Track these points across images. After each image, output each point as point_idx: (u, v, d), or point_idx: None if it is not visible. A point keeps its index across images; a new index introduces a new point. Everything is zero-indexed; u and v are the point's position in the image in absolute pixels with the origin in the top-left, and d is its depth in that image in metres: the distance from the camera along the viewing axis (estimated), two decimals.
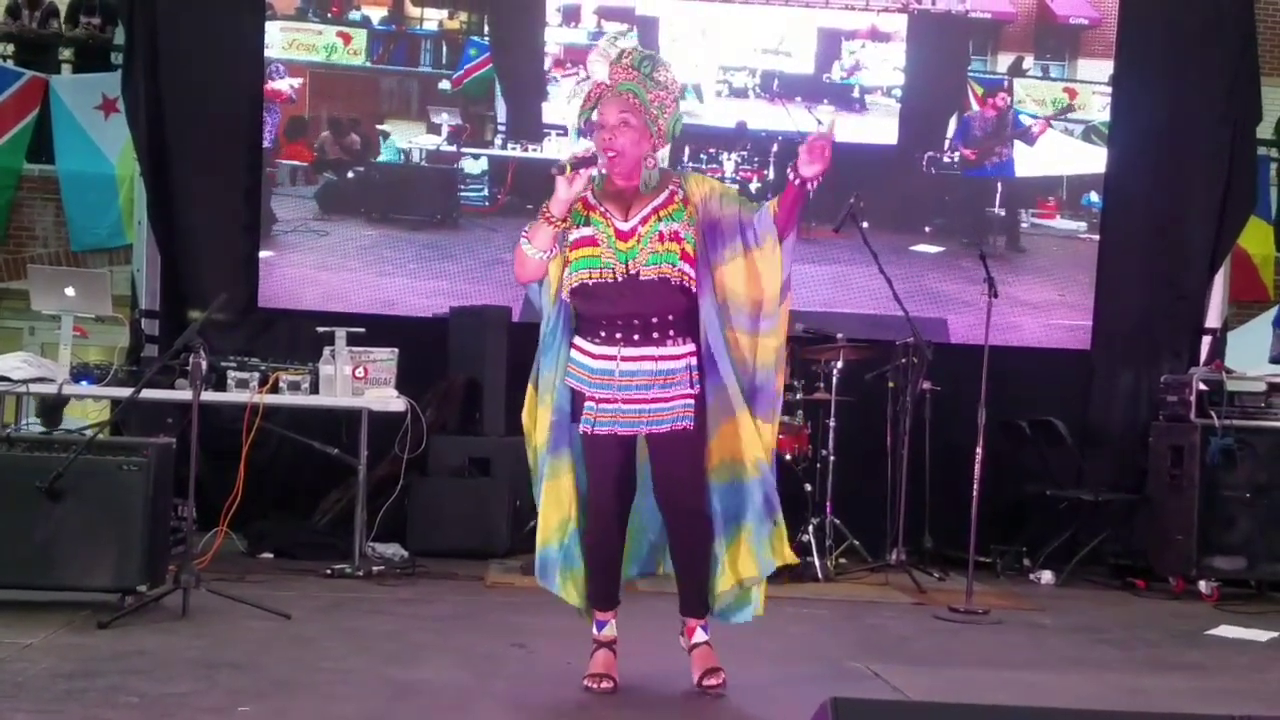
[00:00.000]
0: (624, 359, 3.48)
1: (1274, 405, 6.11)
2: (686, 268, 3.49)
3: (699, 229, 3.53)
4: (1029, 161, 7.37)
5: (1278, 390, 6.16)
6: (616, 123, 3.47)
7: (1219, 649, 4.86)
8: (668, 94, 3.52)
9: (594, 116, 3.53)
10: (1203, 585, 5.97)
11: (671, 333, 3.51)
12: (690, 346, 3.53)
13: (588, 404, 3.51)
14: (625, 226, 3.51)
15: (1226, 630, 5.16)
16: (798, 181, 3.38)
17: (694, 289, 3.50)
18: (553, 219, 3.43)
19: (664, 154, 3.71)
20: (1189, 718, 2.11)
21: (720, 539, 3.59)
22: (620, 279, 3.47)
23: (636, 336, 3.49)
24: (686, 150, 7.10)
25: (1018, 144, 7.34)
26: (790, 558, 3.65)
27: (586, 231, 3.51)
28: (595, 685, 3.57)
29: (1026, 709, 2.20)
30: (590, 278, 3.48)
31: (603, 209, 3.54)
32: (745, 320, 3.53)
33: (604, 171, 3.51)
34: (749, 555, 3.55)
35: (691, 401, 3.51)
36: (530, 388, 3.71)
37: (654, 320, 3.49)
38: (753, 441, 3.53)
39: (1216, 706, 3.66)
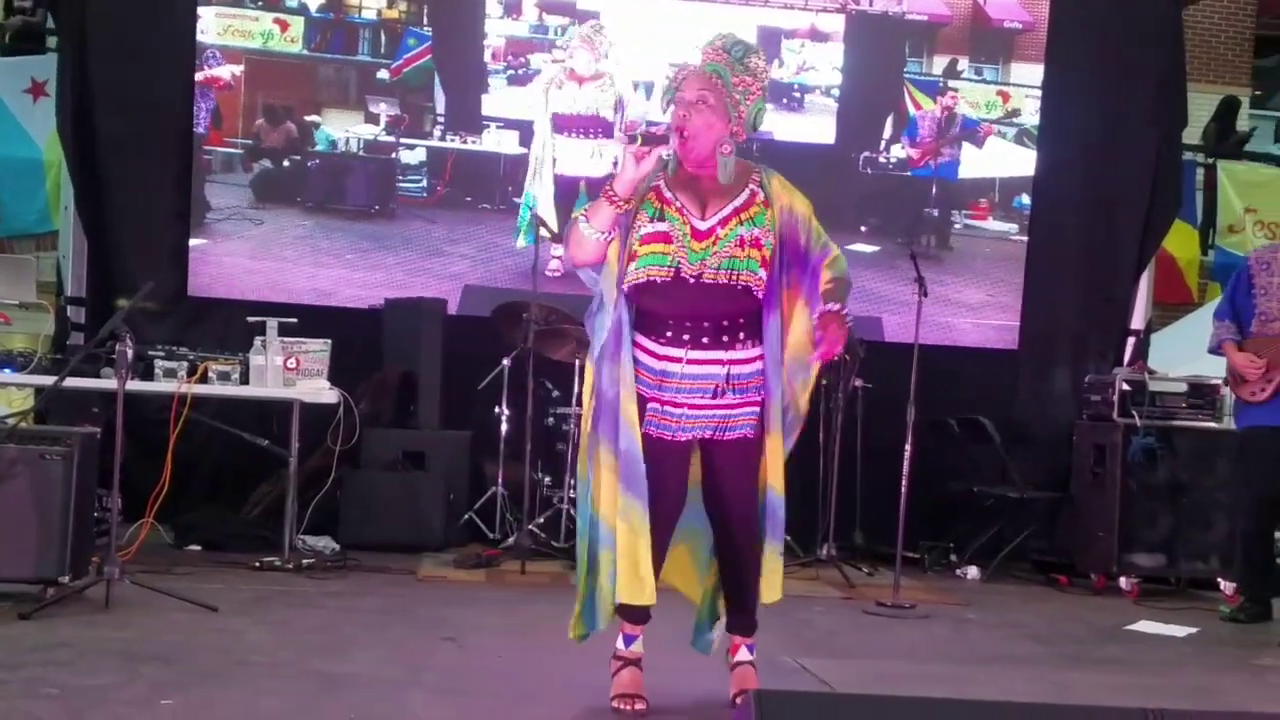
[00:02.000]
0: (690, 361, 3.29)
1: (1195, 406, 6.25)
2: (764, 275, 3.29)
3: (777, 236, 3.34)
4: (970, 164, 7.47)
5: (1198, 391, 6.30)
6: (694, 99, 3.24)
7: (1138, 644, 4.96)
8: (755, 81, 3.30)
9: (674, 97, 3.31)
10: (1123, 581, 6.09)
11: (742, 335, 3.32)
12: (759, 350, 3.35)
13: (650, 405, 3.31)
14: (703, 226, 3.28)
15: (1146, 626, 5.26)
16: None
17: (763, 294, 3.33)
18: (616, 199, 3.20)
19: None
20: (1106, 711, 2.16)
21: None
22: (691, 280, 3.26)
23: (705, 339, 3.29)
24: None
25: (964, 147, 7.43)
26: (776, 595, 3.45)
27: (661, 227, 3.27)
28: (629, 707, 3.33)
29: (950, 701, 2.24)
30: (657, 275, 3.26)
31: (678, 204, 3.31)
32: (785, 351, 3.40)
33: (675, 153, 3.28)
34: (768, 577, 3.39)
35: (759, 409, 3.35)
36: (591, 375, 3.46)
37: (724, 323, 3.30)
38: (775, 463, 3.38)
39: (1134, 700, 3.72)
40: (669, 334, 3.31)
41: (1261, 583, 5.45)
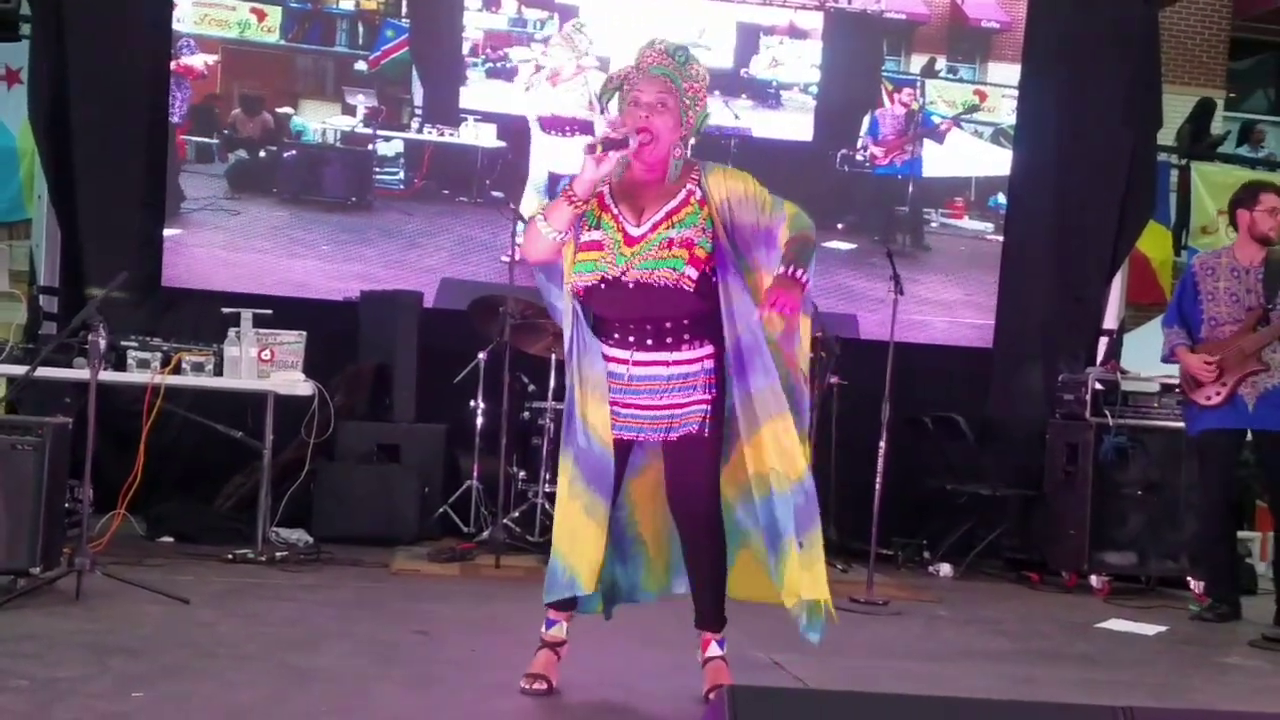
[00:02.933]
0: (636, 363, 3.36)
1: (1166, 405, 6.30)
2: (692, 273, 3.30)
3: (725, 228, 3.35)
4: (939, 162, 7.51)
5: (1170, 391, 6.35)
6: (654, 101, 3.30)
7: (1108, 642, 5.00)
8: (700, 86, 3.38)
9: (614, 101, 3.38)
10: (1094, 580, 6.13)
11: (686, 336, 3.36)
12: (708, 349, 3.38)
13: (611, 408, 3.38)
14: (636, 232, 3.35)
15: (1116, 624, 5.30)
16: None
17: (711, 290, 3.34)
18: (575, 199, 3.27)
19: None
20: (1076, 708, 2.17)
21: (771, 556, 3.41)
22: (625, 282, 3.31)
23: (649, 341, 3.36)
24: None
25: (928, 144, 7.47)
26: (822, 592, 3.36)
27: (595, 235, 3.35)
28: (529, 685, 3.44)
29: (923, 698, 2.25)
30: (591, 281, 3.34)
31: (616, 210, 3.38)
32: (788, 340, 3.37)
33: (628, 158, 3.32)
34: (804, 571, 3.33)
35: (707, 406, 3.37)
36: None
37: (667, 324, 3.35)
38: (785, 452, 3.33)
39: (1104, 698, 3.77)
40: (615, 336, 3.39)
41: (1228, 584, 5.49)
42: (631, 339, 3.37)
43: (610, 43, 7.10)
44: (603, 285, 3.34)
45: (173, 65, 6.81)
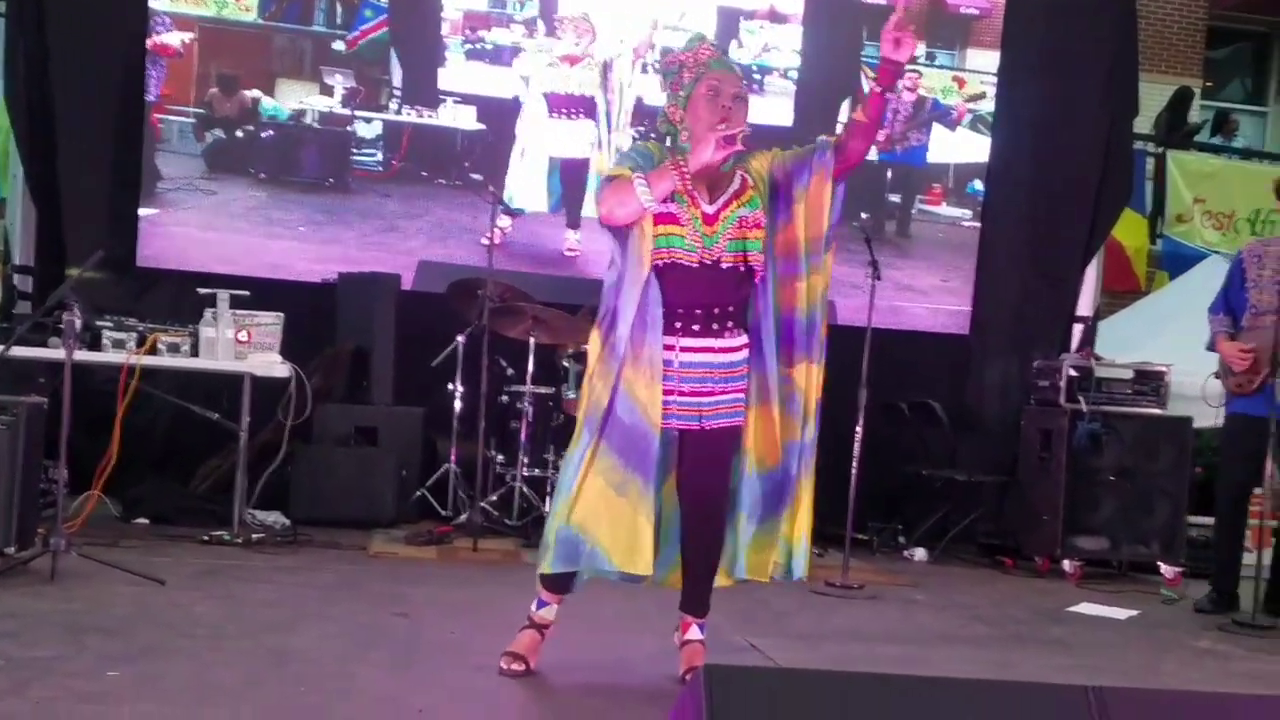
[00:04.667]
0: (684, 349, 3.37)
1: (1140, 392, 6.35)
2: (764, 256, 3.39)
3: (774, 197, 3.46)
4: (937, 149, 7.52)
5: (1144, 378, 6.40)
6: (737, 92, 3.41)
7: (1080, 626, 5.05)
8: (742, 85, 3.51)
9: (671, 82, 3.44)
10: (1066, 564, 6.18)
11: (730, 324, 3.40)
12: (745, 339, 3.44)
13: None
14: (711, 210, 3.38)
15: (1087, 608, 5.36)
16: (880, 88, 3.34)
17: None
18: (686, 173, 3.28)
19: None
20: (1048, 687, 2.20)
21: (751, 526, 3.47)
22: (701, 265, 3.34)
23: (697, 326, 3.37)
24: None
25: (932, 131, 7.47)
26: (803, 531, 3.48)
27: (671, 207, 3.34)
28: (508, 665, 3.45)
29: (897, 676, 2.27)
30: (672, 257, 3.33)
31: (691, 188, 3.37)
32: (796, 265, 3.43)
33: (686, 145, 3.37)
34: (773, 546, 3.47)
35: (744, 396, 3.42)
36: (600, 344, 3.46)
37: (716, 310, 3.37)
38: (770, 432, 3.41)
39: (1075, 680, 3.81)
40: (664, 320, 3.36)
41: (1232, 575, 5.41)
42: (678, 325, 3.37)
43: (604, 25, 7.09)
44: (673, 263, 3.34)
45: (149, 43, 6.75)
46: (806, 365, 3.48)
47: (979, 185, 7.53)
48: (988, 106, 7.48)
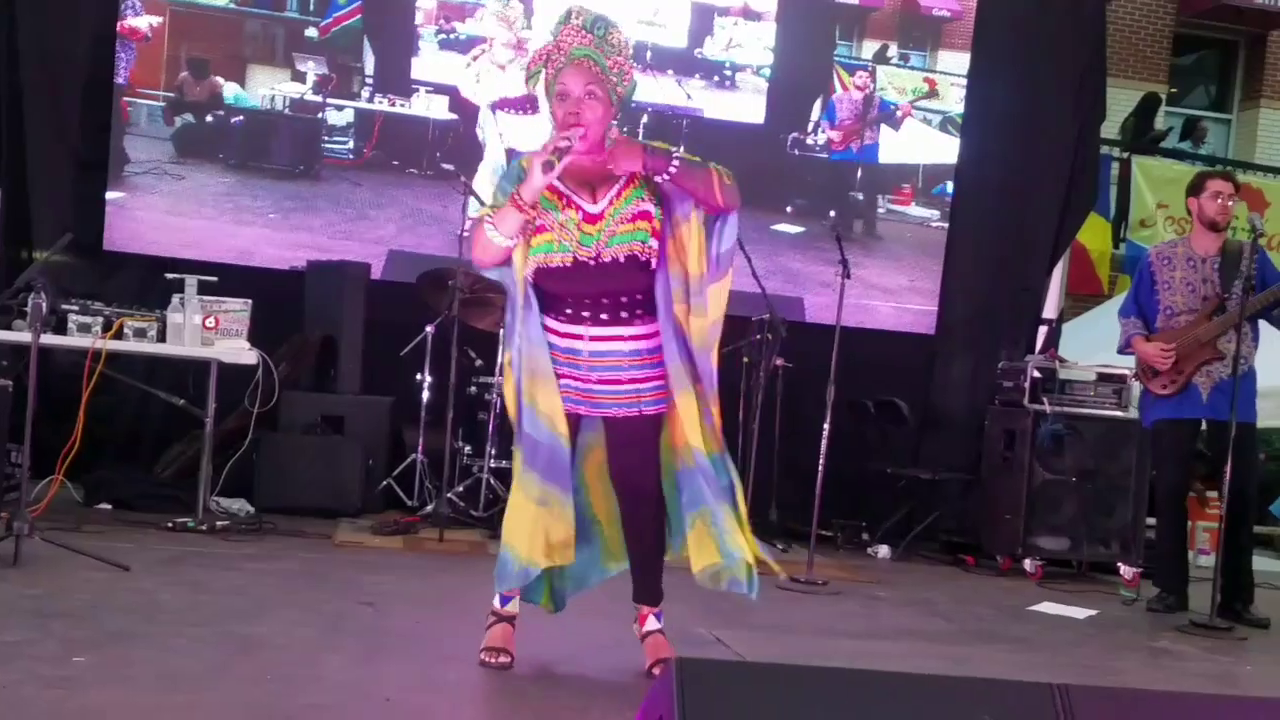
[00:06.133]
0: (593, 339, 3.34)
1: (1102, 394, 6.42)
2: (654, 244, 3.31)
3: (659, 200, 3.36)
4: (888, 149, 7.58)
5: (1106, 380, 6.47)
6: (582, 94, 3.24)
7: (1041, 624, 5.10)
8: (624, 58, 3.30)
9: (540, 83, 3.33)
10: (1028, 563, 6.25)
11: (639, 311, 3.35)
12: (656, 325, 3.37)
13: (563, 382, 3.36)
14: (594, 210, 3.32)
15: (1048, 607, 5.41)
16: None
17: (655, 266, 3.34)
18: (524, 206, 3.20)
19: None
20: (1010, 684, 2.23)
21: (681, 525, 3.45)
22: (587, 262, 3.28)
23: (604, 315, 3.33)
24: None
25: (883, 130, 7.53)
26: (755, 553, 3.41)
27: (544, 219, 3.30)
28: (493, 660, 3.45)
29: (860, 671, 2.30)
30: (550, 262, 3.29)
31: (566, 191, 3.32)
32: (682, 292, 3.35)
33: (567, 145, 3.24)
34: (711, 541, 3.38)
35: (664, 383, 3.37)
36: (507, 366, 3.48)
37: (623, 299, 3.33)
38: (694, 423, 3.33)
39: (1038, 677, 3.86)
40: (568, 313, 3.36)
41: (1178, 575, 5.47)
42: (585, 314, 3.35)
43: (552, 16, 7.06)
44: (554, 266, 3.31)
45: (118, 26, 6.68)
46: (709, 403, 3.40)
47: (948, 187, 7.59)
48: (957, 108, 7.53)
